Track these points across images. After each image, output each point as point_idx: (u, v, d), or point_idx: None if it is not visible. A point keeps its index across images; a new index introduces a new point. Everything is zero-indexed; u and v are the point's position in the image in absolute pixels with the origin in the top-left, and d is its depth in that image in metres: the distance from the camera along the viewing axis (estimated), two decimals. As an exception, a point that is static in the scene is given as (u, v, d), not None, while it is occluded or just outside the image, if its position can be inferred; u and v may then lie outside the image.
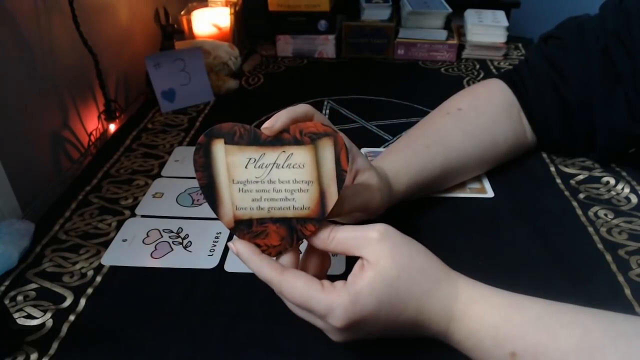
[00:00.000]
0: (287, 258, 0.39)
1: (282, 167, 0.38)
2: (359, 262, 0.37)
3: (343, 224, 0.53)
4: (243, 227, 0.39)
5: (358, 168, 0.46)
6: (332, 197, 0.38)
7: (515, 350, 0.35)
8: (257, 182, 0.38)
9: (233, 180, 0.38)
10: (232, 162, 0.38)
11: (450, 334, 0.38)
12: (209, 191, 0.39)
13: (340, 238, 0.38)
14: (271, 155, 0.38)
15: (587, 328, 0.34)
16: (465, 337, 0.37)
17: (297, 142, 0.38)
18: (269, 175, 0.38)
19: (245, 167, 0.38)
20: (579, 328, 0.34)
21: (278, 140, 0.38)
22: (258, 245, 0.39)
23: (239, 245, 0.39)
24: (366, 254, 0.37)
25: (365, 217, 0.48)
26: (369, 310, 0.35)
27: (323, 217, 0.38)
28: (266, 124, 0.38)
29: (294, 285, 0.36)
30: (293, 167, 0.38)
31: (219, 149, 0.38)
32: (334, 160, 0.38)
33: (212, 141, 0.38)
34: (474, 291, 0.38)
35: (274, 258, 0.39)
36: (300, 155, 0.38)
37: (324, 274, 0.41)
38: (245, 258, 0.39)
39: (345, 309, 0.35)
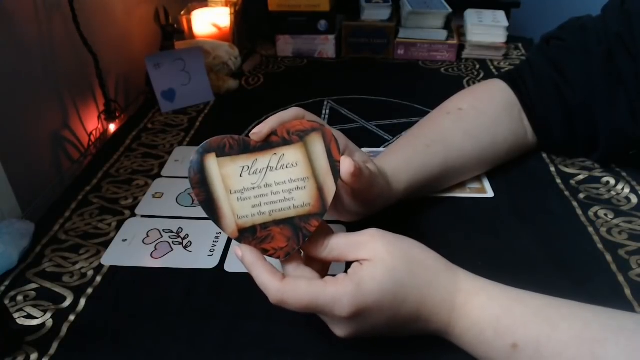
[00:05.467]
0: (292, 267, 0.39)
1: (276, 169, 0.39)
2: (356, 262, 0.38)
3: (339, 222, 0.53)
4: (248, 235, 0.39)
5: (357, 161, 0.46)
6: (331, 190, 0.39)
7: (517, 342, 0.35)
8: (254, 188, 0.39)
9: (230, 191, 0.39)
10: (226, 173, 0.39)
11: (452, 327, 0.38)
12: (209, 206, 0.39)
13: (333, 245, 0.39)
14: (263, 159, 0.39)
15: (588, 321, 0.35)
16: (467, 329, 0.37)
17: (286, 142, 0.39)
18: (265, 180, 0.39)
19: (240, 176, 0.39)
20: (579, 321, 0.35)
21: (268, 144, 0.39)
22: (265, 250, 0.39)
23: (244, 250, 0.38)
24: (363, 255, 0.37)
25: (363, 213, 0.48)
26: (373, 297, 0.36)
27: (325, 211, 0.39)
28: (254, 130, 0.39)
29: (298, 291, 0.36)
30: (286, 167, 0.39)
31: (212, 163, 0.38)
32: (326, 153, 0.38)
33: (204, 157, 0.38)
34: (474, 283, 0.39)
35: (278, 265, 0.39)
36: (292, 154, 0.39)
37: (326, 270, 0.41)
38: (248, 264, 0.38)
39: (351, 296, 0.35)
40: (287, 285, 0.37)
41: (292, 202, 0.39)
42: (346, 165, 0.38)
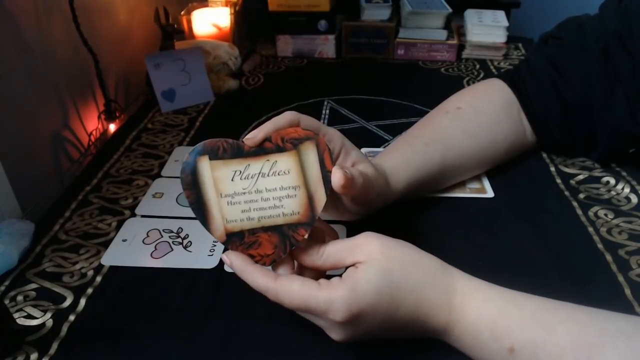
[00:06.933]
0: (283, 269, 0.39)
1: (268, 175, 0.39)
2: (351, 266, 0.38)
3: (339, 222, 0.53)
4: (235, 239, 0.39)
5: (353, 161, 0.46)
6: (321, 200, 0.39)
7: (514, 345, 0.35)
8: (244, 193, 0.39)
9: (221, 195, 0.39)
10: (218, 176, 0.39)
11: (450, 329, 0.38)
12: (199, 208, 0.39)
13: (330, 251, 0.39)
14: (256, 165, 0.39)
15: (585, 325, 0.35)
16: (464, 331, 0.37)
17: (279, 150, 0.39)
18: (256, 185, 0.39)
19: (232, 180, 0.39)
20: (576, 324, 0.35)
21: (261, 149, 0.39)
22: (252, 256, 0.39)
23: (232, 257, 0.39)
24: (358, 258, 0.37)
25: (363, 212, 0.48)
26: (367, 300, 0.35)
27: (313, 221, 0.39)
28: (248, 135, 0.39)
29: (291, 289, 0.36)
30: (278, 174, 0.39)
31: (205, 166, 0.39)
32: (318, 163, 0.39)
33: (197, 159, 0.39)
34: (470, 284, 0.39)
35: (269, 267, 0.39)
36: (284, 161, 0.39)
37: (322, 277, 0.41)
38: (238, 269, 0.39)
39: (345, 301, 0.35)
40: (280, 284, 0.37)
41: (281, 209, 0.39)
42: (337, 177, 0.38)
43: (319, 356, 0.40)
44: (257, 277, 0.38)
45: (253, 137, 0.39)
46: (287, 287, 0.37)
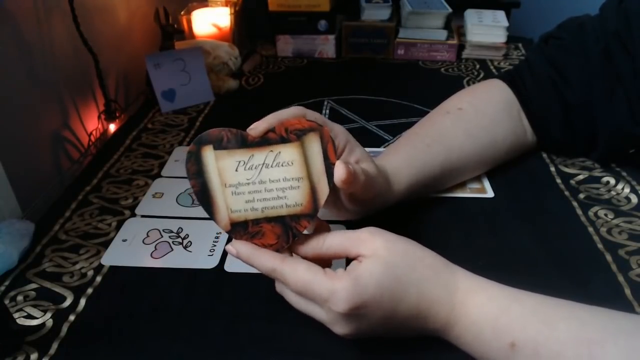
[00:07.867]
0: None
1: (272, 166, 0.39)
2: (354, 260, 0.38)
3: (339, 222, 0.53)
4: (239, 229, 0.39)
5: (357, 158, 0.46)
6: (324, 191, 0.39)
7: (515, 341, 0.35)
8: (248, 183, 0.39)
9: (225, 184, 0.39)
10: (222, 166, 0.39)
11: (451, 326, 0.38)
12: (204, 197, 0.39)
13: (332, 241, 0.39)
14: (259, 156, 0.39)
15: (586, 322, 0.35)
16: (465, 328, 0.37)
17: (283, 141, 0.39)
18: (260, 176, 0.39)
19: (236, 170, 0.39)
20: (577, 321, 0.35)
21: (265, 140, 0.39)
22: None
23: (237, 246, 0.39)
24: (361, 251, 0.37)
25: (362, 212, 0.48)
26: (370, 292, 0.36)
27: (316, 213, 0.39)
28: (251, 125, 0.39)
29: (296, 270, 0.37)
30: (282, 165, 0.39)
31: (209, 155, 0.39)
32: (322, 154, 0.39)
33: (201, 148, 0.39)
34: (472, 282, 0.39)
35: None
36: (288, 152, 0.39)
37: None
38: (245, 256, 0.39)
39: (348, 292, 0.35)
40: (286, 264, 0.37)
41: (284, 200, 0.39)
42: (339, 172, 0.38)
43: (318, 356, 0.40)
44: (265, 259, 0.38)
45: (256, 127, 0.39)
46: (293, 267, 0.37)
